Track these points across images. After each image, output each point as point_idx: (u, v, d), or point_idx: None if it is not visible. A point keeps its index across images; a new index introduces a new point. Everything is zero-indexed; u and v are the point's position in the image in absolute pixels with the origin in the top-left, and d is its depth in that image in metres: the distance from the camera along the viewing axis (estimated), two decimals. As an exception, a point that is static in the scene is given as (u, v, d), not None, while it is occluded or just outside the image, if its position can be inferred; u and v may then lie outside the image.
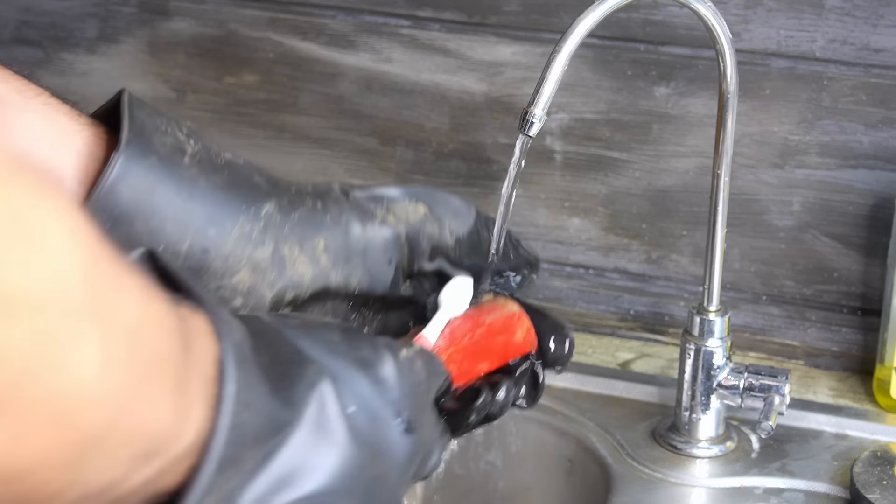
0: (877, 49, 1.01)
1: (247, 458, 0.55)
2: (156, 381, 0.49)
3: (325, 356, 0.62)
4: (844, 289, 1.07)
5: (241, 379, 0.54)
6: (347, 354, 0.63)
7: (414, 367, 0.67)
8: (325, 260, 0.74)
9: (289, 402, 0.58)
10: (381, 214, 0.77)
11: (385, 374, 0.64)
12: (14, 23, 1.21)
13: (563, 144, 1.10)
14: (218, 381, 0.53)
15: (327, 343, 0.63)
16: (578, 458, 1.00)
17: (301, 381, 0.59)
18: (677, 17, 1.05)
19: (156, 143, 0.69)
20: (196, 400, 0.52)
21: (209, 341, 0.54)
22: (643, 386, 1.05)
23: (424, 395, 0.67)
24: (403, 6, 1.11)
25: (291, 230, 0.73)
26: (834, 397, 1.05)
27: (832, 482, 0.94)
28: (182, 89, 1.19)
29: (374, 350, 0.65)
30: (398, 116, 1.13)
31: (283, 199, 0.73)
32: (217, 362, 0.54)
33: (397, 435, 0.64)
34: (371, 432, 0.62)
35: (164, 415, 0.50)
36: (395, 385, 0.65)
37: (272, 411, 0.56)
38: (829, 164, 1.04)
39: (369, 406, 0.63)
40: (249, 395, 0.54)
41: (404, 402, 0.65)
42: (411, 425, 0.65)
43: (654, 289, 1.12)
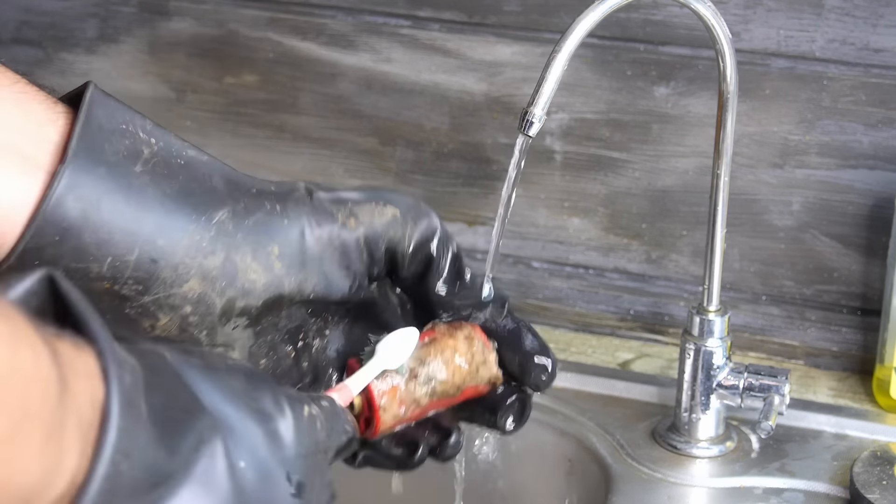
0: (877, 49, 1.01)
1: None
2: (22, 436, 0.47)
3: (223, 404, 0.60)
4: (844, 289, 1.07)
5: (124, 426, 0.51)
6: (247, 404, 0.61)
7: (314, 427, 0.64)
8: (279, 267, 0.72)
9: (175, 454, 0.55)
10: (342, 218, 0.75)
11: (282, 430, 0.62)
12: (14, 23, 1.21)
13: (563, 144, 1.10)
14: (98, 428, 0.51)
15: (227, 390, 0.61)
16: (578, 458, 1.00)
17: (191, 433, 0.57)
18: (677, 17, 1.05)
19: (107, 151, 0.68)
20: (71, 447, 0.50)
21: (94, 384, 0.52)
22: (643, 386, 1.05)
23: (321, 455, 0.65)
24: (403, 6, 1.11)
25: (244, 238, 0.72)
26: (834, 397, 1.05)
27: (832, 482, 0.94)
28: (182, 89, 1.19)
29: (276, 403, 0.63)
30: (398, 116, 1.14)
31: (239, 205, 0.72)
32: (100, 406, 0.51)
33: (284, 496, 0.61)
34: (258, 490, 0.60)
35: (30, 469, 0.48)
36: (291, 443, 0.62)
37: (155, 462, 0.54)
38: (829, 164, 1.04)
39: (261, 462, 0.60)
40: (131, 445, 0.52)
41: (298, 462, 0.62)
42: (301, 488, 0.62)
43: (654, 289, 1.12)
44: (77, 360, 0.51)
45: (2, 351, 0.46)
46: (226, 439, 0.58)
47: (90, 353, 0.52)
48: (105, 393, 0.52)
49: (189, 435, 0.56)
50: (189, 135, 1.18)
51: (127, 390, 0.53)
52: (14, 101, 0.68)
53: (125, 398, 0.52)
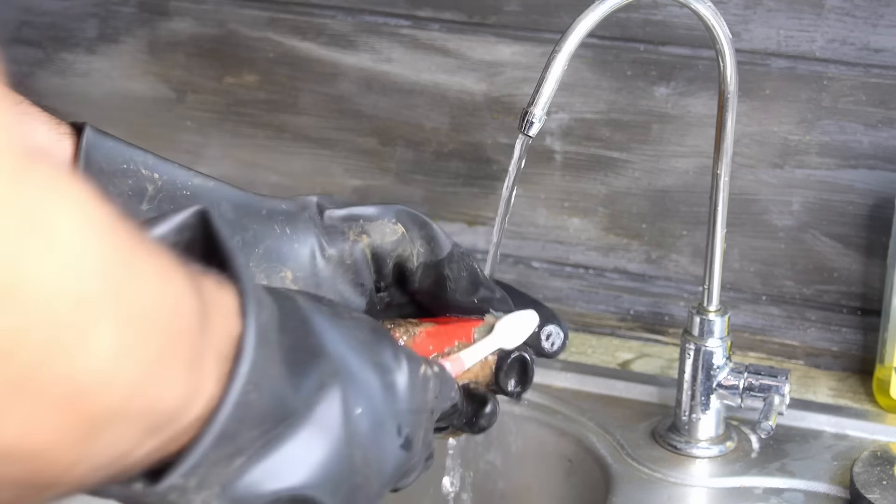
0: (877, 49, 1.01)
1: (246, 437, 0.55)
2: (169, 361, 0.50)
3: (346, 352, 0.62)
4: (844, 289, 1.07)
5: (257, 360, 0.54)
6: (369, 356, 0.64)
7: (427, 386, 0.67)
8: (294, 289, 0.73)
9: (299, 393, 0.58)
10: (352, 235, 0.76)
11: (399, 383, 0.65)
12: (14, 23, 1.21)
13: (563, 144, 1.10)
14: (233, 360, 0.54)
15: (351, 339, 0.63)
16: (578, 458, 1.00)
17: (315, 374, 0.60)
18: (677, 17, 1.05)
19: (111, 193, 0.69)
20: (209, 376, 0.53)
21: (232, 320, 0.54)
22: (643, 386, 1.05)
23: (428, 414, 0.68)
24: (403, 6, 1.11)
25: (257, 266, 0.73)
26: (834, 397, 1.05)
27: (832, 482, 0.94)
28: (182, 89, 1.19)
29: (395, 358, 0.65)
30: (398, 116, 1.14)
31: (248, 233, 0.73)
32: (236, 341, 0.54)
33: (393, 447, 0.64)
34: (370, 438, 0.63)
35: (175, 392, 0.51)
36: (405, 398, 0.65)
37: (281, 398, 0.57)
38: (829, 164, 1.04)
39: (376, 411, 0.63)
40: (261, 378, 0.55)
41: (409, 416, 0.65)
42: (409, 441, 0.65)
43: (654, 289, 1.12)
44: (219, 296, 0.54)
45: (152, 282, 0.49)
46: (345, 385, 0.61)
47: (231, 291, 0.55)
48: (242, 329, 0.54)
49: (313, 376, 0.59)
50: (189, 135, 1.18)
51: (262, 327, 0.55)
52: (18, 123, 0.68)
53: (260, 334, 0.55)
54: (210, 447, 0.53)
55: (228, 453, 0.55)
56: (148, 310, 0.48)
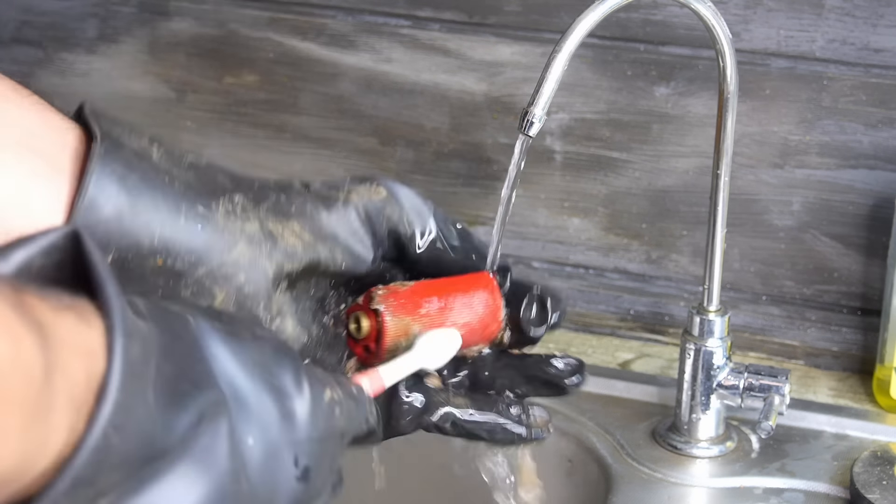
0: (877, 49, 1.01)
1: (107, 480, 0.52)
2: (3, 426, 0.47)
3: (239, 377, 0.59)
4: (844, 289, 1.07)
5: (121, 400, 0.51)
6: (265, 379, 0.60)
7: (333, 412, 0.63)
8: (308, 237, 0.75)
9: (173, 431, 0.55)
10: (342, 196, 0.77)
11: (298, 410, 0.61)
12: (14, 23, 1.21)
13: (563, 144, 1.10)
14: (93, 404, 0.51)
15: (248, 361, 0.60)
16: (578, 458, 1.00)
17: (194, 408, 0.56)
18: (677, 17, 1.05)
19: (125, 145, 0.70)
20: (59, 425, 0.50)
21: (94, 360, 0.51)
22: (643, 386, 1.05)
23: (335, 441, 0.64)
24: (403, 6, 1.11)
25: (266, 214, 0.74)
26: (834, 397, 1.05)
27: (832, 482, 0.94)
28: (182, 89, 1.19)
29: (296, 382, 0.61)
30: (398, 116, 1.14)
31: (249, 194, 0.74)
32: (98, 383, 0.51)
33: (288, 479, 0.60)
34: (261, 471, 0.59)
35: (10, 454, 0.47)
36: (304, 425, 0.61)
37: (152, 437, 0.53)
38: (829, 164, 1.04)
39: (270, 441, 0.59)
40: (126, 419, 0.51)
41: (308, 446, 0.61)
42: (307, 473, 0.61)
43: (654, 289, 1.12)
44: (78, 335, 0.51)
45: None
46: (233, 415, 0.58)
47: (97, 326, 0.52)
48: (105, 368, 0.51)
49: (192, 410, 0.56)
50: (189, 135, 1.18)
51: (132, 363, 0.52)
52: (35, 111, 0.70)
53: (128, 372, 0.52)
54: (62, 494, 0.50)
55: (88, 496, 0.51)
56: None
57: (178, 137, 1.19)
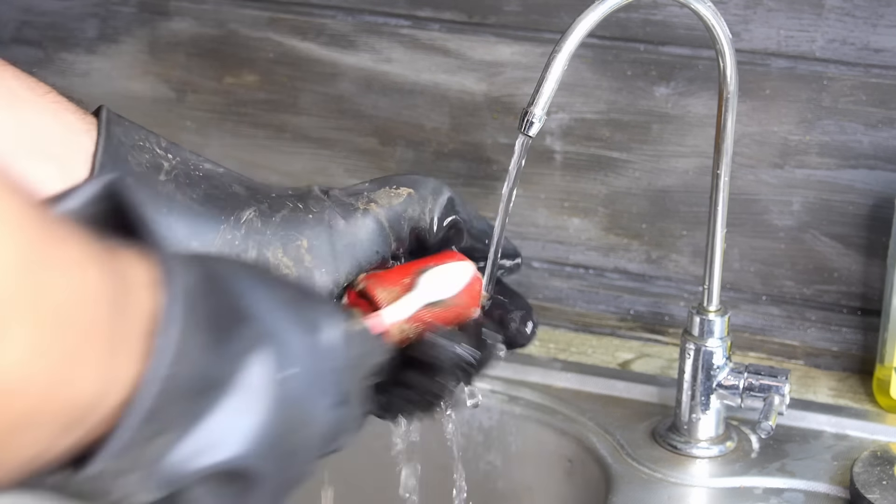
0: (877, 49, 1.01)
1: (172, 411, 0.53)
2: (85, 355, 0.48)
3: (273, 312, 0.60)
4: (844, 289, 1.07)
5: (183, 329, 0.53)
6: (297, 314, 0.62)
7: (359, 342, 0.65)
8: (309, 259, 0.74)
9: (224, 360, 0.57)
10: (362, 204, 0.77)
11: (331, 341, 0.63)
12: (14, 23, 1.21)
13: (563, 144, 1.10)
14: (155, 335, 0.52)
15: (278, 299, 0.61)
16: (578, 458, 1.00)
17: (240, 339, 0.58)
18: (677, 17, 1.05)
19: (131, 163, 0.69)
20: (129, 358, 0.51)
21: (153, 293, 0.53)
22: (643, 386, 1.05)
23: (360, 372, 0.66)
24: (403, 6, 1.11)
25: (274, 234, 0.74)
26: (834, 397, 1.05)
27: (832, 482, 0.94)
28: (182, 89, 1.19)
29: (326, 314, 0.63)
30: (398, 116, 1.14)
31: (264, 205, 0.74)
32: (158, 315, 0.52)
33: (326, 407, 0.62)
34: (301, 399, 0.60)
35: (93, 385, 0.49)
36: (337, 355, 0.63)
37: (206, 367, 0.55)
38: (829, 164, 1.05)
39: (308, 371, 0.61)
40: (187, 347, 0.53)
41: (341, 374, 0.63)
42: (345, 398, 0.63)
43: (654, 289, 1.12)
44: (138, 269, 0.52)
45: (67, 275, 0.47)
46: (273, 346, 0.59)
47: (152, 261, 0.53)
48: (166, 299, 0.53)
49: (238, 341, 0.57)
50: (189, 135, 1.18)
51: (187, 294, 0.54)
52: (51, 112, 0.70)
53: (185, 302, 0.53)
54: (136, 428, 0.52)
55: (155, 430, 0.53)
56: (63, 306, 0.47)
57: (178, 137, 1.19)
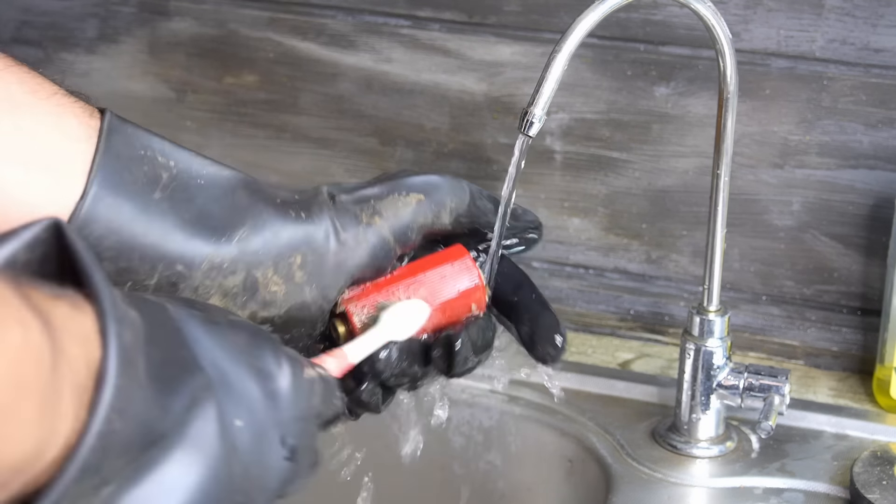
0: (877, 49, 1.01)
1: (112, 466, 0.52)
2: (15, 414, 0.46)
3: (222, 361, 0.59)
4: (844, 289, 1.07)
5: (120, 384, 0.51)
6: (247, 361, 0.60)
7: (312, 390, 0.64)
8: (300, 276, 0.73)
9: (168, 413, 0.55)
10: (365, 218, 0.75)
11: (282, 390, 0.61)
12: (14, 23, 1.21)
13: (563, 144, 1.10)
14: (94, 389, 0.51)
15: (227, 346, 0.60)
16: (578, 458, 1.00)
17: (186, 391, 0.56)
18: (677, 17, 1.05)
19: (126, 180, 0.68)
20: (66, 412, 0.50)
21: (91, 345, 0.51)
22: (643, 386, 1.05)
23: (313, 422, 0.64)
24: (403, 6, 1.11)
25: (267, 251, 0.72)
26: (834, 397, 1.05)
27: (832, 482, 0.94)
28: (182, 89, 1.19)
29: (277, 362, 0.62)
30: (398, 116, 1.14)
31: (261, 218, 0.72)
32: (96, 368, 0.51)
33: (277, 459, 0.61)
34: (251, 452, 0.59)
35: (25, 443, 0.48)
36: (288, 405, 0.62)
37: (149, 421, 0.54)
38: (829, 164, 1.05)
39: (257, 422, 0.60)
40: (126, 403, 0.52)
41: (293, 425, 0.62)
42: (294, 451, 0.62)
43: (654, 289, 1.12)
44: (74, 322, 0.51)
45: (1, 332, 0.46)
46: (221, 398, 0.58)
47: (89, 313, 0.52)
48: (102, 354, 0.51)
49: (184, 392, 0.56)
50: (189, 135, 1.18)
51: (125, 348, 0.52)
52: (52, 118, 0.69)
53: (123, 357, 0.52)
54: (71, 482, 0.50)
55: (94, 485, 0.52)
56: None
57: (178, 137, 1.18)
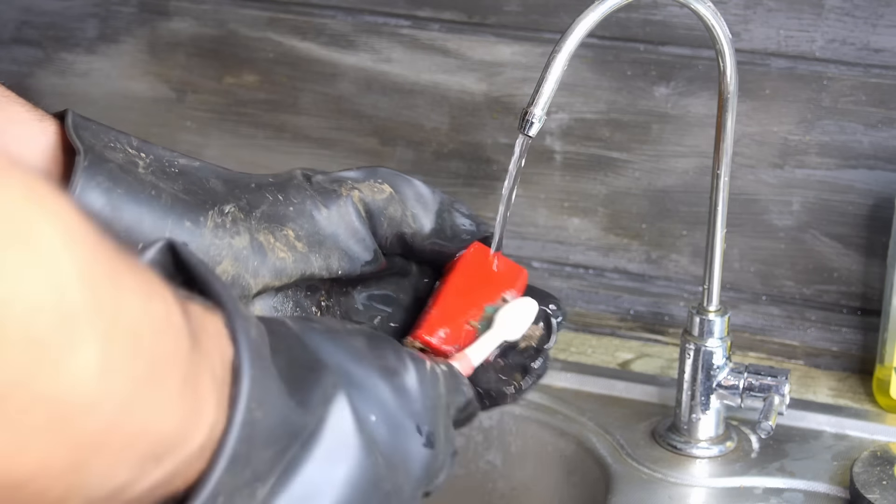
0: (877, 49, 1.01)
1: (259, 459, 0.54)
2: (159, 381, 0.48)
3: (347, 363, 0.61)
4: (844, 289, 1.07)
5: (256, 376, 0.53)
6: (372, 362, 0.63)
7: (437, 381, 0.66)
8: (301, 246, 0.74)
9: (305, 407, 0.57)
10: (345, 191, 0.76)
11: (409, 384, 0.64)
12: (14, 23, 1.21)
13: (563, 144, 1.10)
14: (231, 383, 0.52)
15: (350, 349, 0.62)
16: (578, 458, 1.00)
17: (318, 388, 0.58)
18: (677, 17, 1.05)
19: (109, 156, 0.69)
20: (208, 401, 0.51)
21: (223, 342, 0.53)
22: (643, 386, 1.05)
23: (444, 410, 0.66)
24: (403, 6, 1.11)
25: (260, 217, 0.73)
26: (834, 397, 1.05)
27: (832, 482, 0.94)
28: (182, 89, 1.19)
29: (399, 359, 0.64)
30: (398, 116, 1.14)
31: (242, 201, 0.73)
32: (230, 364, 0.53)
33: (417, 447, 0.63)
34: (391, 444, 0.61)
35: (169, 416, 0.49)
36: (417, 396, 0.64)
37: (287, 414, 0.55)
38: (829, 164, 1.05)
39: (391, 416, 0.62)
40: (263, 395, 0.53)
41: (426, 414, 0.64)
42: (431, 438, 0.64)
43: (654, 289, 1.12)
44: (206, 319, 0.53)
45: (139, 299, 0.47)
46: (352, 394, 0.60)
47: (217, 313, 0.54)
48: (234, 350, 0.53)
49: (316, 390, 0.58)
50: (189, 135, 1.18)
51: (255, 345, 0.54)
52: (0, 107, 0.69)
53: (254, 352, 0.53)
54: (224, 472, 0.51)
55: (246, 480, 0.53)
56: (134, 326, 0.46)
57: (178, 137, 1.19)
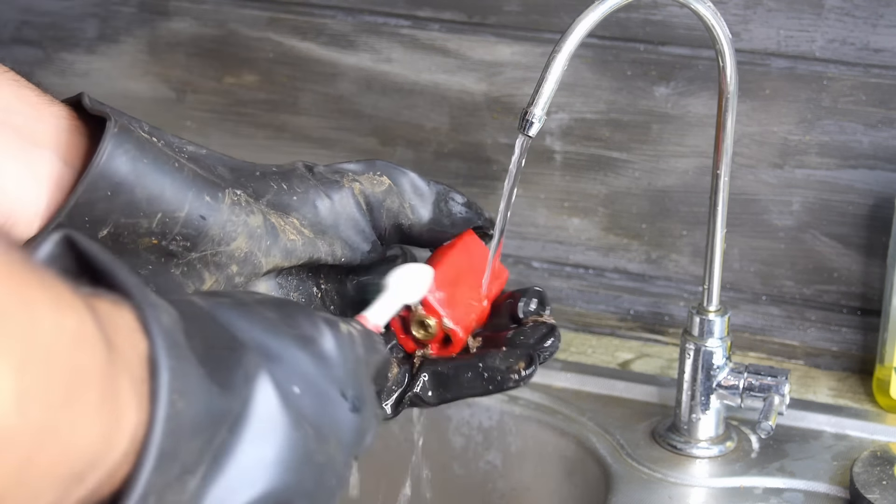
0: (877, 49, 1.01)
1: (188, 450, 0.52)
2: (77, 400, 0.46)
3: (263, 337, 0.60)
4: (844, 289, 1.07)
5: (174, 367, 0.52)
6: (287, 332, 0.61)
7: (354, 342, 0.65)
8: (308, 232, 0.76)
9: (228, 390, 0.55)
10: (346, 182, 0.78)
11: (327, 349, 0.62)
12: (14, 23, 1.21)
13: (563, 144, 1.10)
14: (149, 378, 0.51)
15: (264, 322, 0.61)
16: (578, 458, 1.00)
17: (239, 368, 0.57)
18: (677, 17, 1.05)
19: (134, 127, 0.70)
20: (128, 405, 0.50)
21: (136, 336, 0.51)
22: (643, 386, 1.05)
23: (365, 371, 0.65)
24: (403, 6, 1.11)
25: (270, 202, 0.75)
26: (834, 397, 1.05)
27: (832, 482, 0.94)
28: (182, 89, 1.19)
29: (314, 325, 0.63)
30: (398, 116, 1.14)
31: (248, 189, 0.74)
32: (147, 358, 0.51)
33: (344, 414, 0.61)
34: (318, 414, 0.60)
35: (89, 433, 0.47)
36: (337, 361, 0.62)
37: (211, 400, 0.54)
38: (829, 164, 1.05)
39: (314, 385, 0.60)
40: (183, 383, 0.52)
41: (348, 379, 0.62)
42: (356, 403, 0.62)
43: (654, 289, 1.12)
44: (116, 315, 0.51)
45: (47, 316, 0.45)
46: (273, 370, 0.59)
47: (126, 307, 0.52)
48: (149, 342, 0.52)
49: (237, 371, 0.57)
50: (189, 135, 1.18)
51: (169, 334, 0.53)
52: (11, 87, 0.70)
53: (169, 341, 0.52)
54: (152, 472, 0.50)
55: (176, 474, 0.52)
56: (48, 347, 0.45)
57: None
